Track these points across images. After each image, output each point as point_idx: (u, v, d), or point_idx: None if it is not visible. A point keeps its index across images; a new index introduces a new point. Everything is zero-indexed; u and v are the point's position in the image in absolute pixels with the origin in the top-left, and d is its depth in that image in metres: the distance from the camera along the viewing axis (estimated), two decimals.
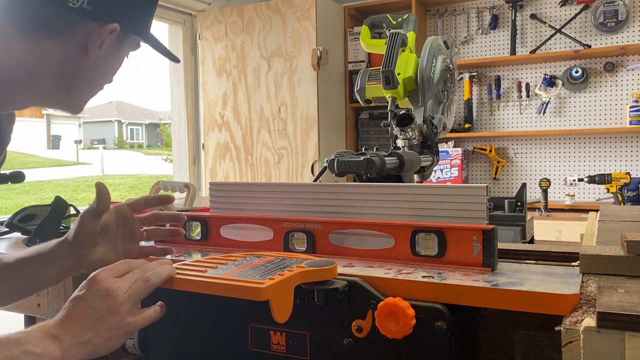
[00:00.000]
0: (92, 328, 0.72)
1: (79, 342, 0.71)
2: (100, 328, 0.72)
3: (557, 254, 0.90)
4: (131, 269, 0.78)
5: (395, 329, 0.73)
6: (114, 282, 0.75)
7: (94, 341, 0.72)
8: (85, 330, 0.72)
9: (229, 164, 3.97)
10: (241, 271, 0.77)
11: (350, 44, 3.96)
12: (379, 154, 1.09)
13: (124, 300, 0.74)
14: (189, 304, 0.91)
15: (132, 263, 0.79)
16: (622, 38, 3.53)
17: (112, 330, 0.73)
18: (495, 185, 3.91)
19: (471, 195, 0.87)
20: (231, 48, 3.92)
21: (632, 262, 0.75)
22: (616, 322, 0.60)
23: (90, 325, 0.72)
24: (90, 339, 0.72)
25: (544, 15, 3.71)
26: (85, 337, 0.72)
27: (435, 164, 1.32)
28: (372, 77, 1.41)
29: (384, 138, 3.87)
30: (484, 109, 3.92)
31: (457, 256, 0.85)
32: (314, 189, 1.02)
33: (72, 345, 0.71)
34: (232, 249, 1.04)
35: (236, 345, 0.88)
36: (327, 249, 0.95)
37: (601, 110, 3.62)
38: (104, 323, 0.73)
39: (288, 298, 0.75)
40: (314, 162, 3.67)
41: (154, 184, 1.73)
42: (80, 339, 0.71)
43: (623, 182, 3.23)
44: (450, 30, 3.97)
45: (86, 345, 0.72)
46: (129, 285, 0.75)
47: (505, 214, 1.32)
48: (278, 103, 3.76)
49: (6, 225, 1.31)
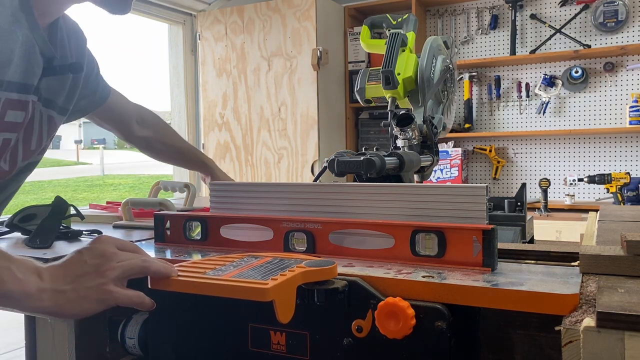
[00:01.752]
0: (73, 281, 0.72)
1: (55, 289, 0.71)
2: (79, 283, 0.72)
3: (557, 254, 0.90)
4: (136, 251, 0.79)
5: (395, 329, 0.73)
6: (112, 248, 0.75)
7: (69, 295, 0.72)
8: (66, 281, 0.72)
9: (229, 164, 3.97)
10: (241, 272, 0.77)
11: (350, 44, 3.96)
12: (379, 154, 1.09)
13: (114, 266, 0.74)
14: (188, 304, 0.91)
15: (140, 249, 0.80)
16: (622, 38, 3.53)
17: (90, 290, 0.72)
18: (495, 185, 3.91)
19: (471, 195, 0.87)
20: (231, 48, 3.92)
21: (632, 262, 0.75)
22: (616, 322, 0.60)
23: (73, 276, 0.72)
24: (67, 290, 0.72)
25: (543, 15, 3.71)
26: (63, 287, 0.72)
27: (435, 164, 1.32)
28: (372, 77, 1.41)
29: (384, 138, 3.87)
30: (483, 109, 3.92)
31: (457, 256, 0.85)
32: (314, 189, 1.02)
33: (48, 288, 0.71)
34: (232, 249, 1.04)
35: (236, 345, 0.88)
36: (327, 249, 0.95)
37: (601, 110, 3.62)
38: (86, 280, 0.72)
39: (291, 298, 0.75)
40: (314, 162, 3.67)
41: (154, 184, 1.73)
42: (58, 286, 0.72)
43: (623, 182, 3.23)
44: (450, 30, 3.97)
45: (60, 295, 0.71)
46: (126, 258, 0.76)
47: (505, 214, 1.32)
48: (278, 103, 3.76)
49: (6, 225, 1.31)
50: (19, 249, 1.16)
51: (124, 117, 1.48)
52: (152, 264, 0.76)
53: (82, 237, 1.28)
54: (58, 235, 1.24)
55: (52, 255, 1.08)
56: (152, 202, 1.45)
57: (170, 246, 1.10)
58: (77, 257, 0.74)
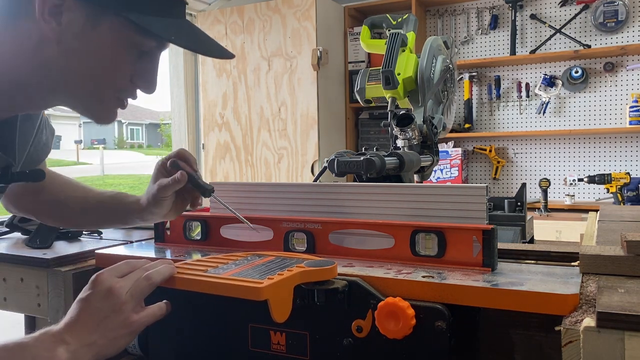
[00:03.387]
0: (97, 329, 0.72)
1: (85, 344, 0.72)
2: (105, 328, 0.73)
3: (557, 254, 0.90)
4: (133, 268, 0.78)
5: (395, 329, 0.73)
6: (116, 282, 0.75)
7: (100, 342, 0.72)
8: (91, 332, 0.72)
9: (229, 164, 3.97)
10: (241, 271, 0.77)
11: (350, 44, 3.96)
12: (379, 154, 1.09)
13: (127, 299, 0.74)
14: (189, 304, 0.91)
15: (134, 263, 0.80)
16: (622, 38, 3.53)
17: (117, 329, 0.73)
18: (495, 185, 3.91)
19: (471, 195, 0.87)
20: (231, 48, 3.92)
21: (632, 262, 0.75)
22: (616, 322, 0.60)
23: (95, 326, 0.73)
24: (96, 340, 0.72)
25: (543, 15, 3.71)
26: (92, 339, 0.72)
27: (435, 164, 1.32)
28: (372, 77, 1.41)
29: (384, 138, 3.87)
30: (483, 109, 3.92)
31: (457, 256, 0.85)
32: (314, 189, 1.02)
33: (78, 347, 0.71)
34: (232, 249, 1.04)
35: (236, 345, 0.88)
36: (327, 249, 0.95)
37: (601, 110, 3.62)
38: (108, 323, 0.73)
39: (287, 298, 0.75)
40: (314, 162, 3.67)
41: None
42: (86, 340, 0.72)
43: (623, 182, 3.23)
44: (450, 31, 3.97)
45: (93, 346, 0.72)
46: (131, 284, 0.76)
47: (505, 214, 1.32)
48: (278, 103, 3.76)
49: (6, 225, 1.31)
50: (19, 249, 1.16)
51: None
52: (156, 275, 0.77)
53: (81, 237, 1.28)
54: (58, 235, 1.24)
55: (52, 255, 1.08)
56: None
57: (170, 246, 1.10)
58: (88, 306, 0.74)
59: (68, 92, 0.84)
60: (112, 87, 0.84)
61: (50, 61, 0.80)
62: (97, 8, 0.78)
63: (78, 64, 0.81)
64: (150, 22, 0.79)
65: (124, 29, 0.79)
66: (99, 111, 0.86)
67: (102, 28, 0.79)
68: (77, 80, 0.82)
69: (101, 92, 0.84)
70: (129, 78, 0.85)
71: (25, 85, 0.82)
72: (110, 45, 0.80)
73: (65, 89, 0.83)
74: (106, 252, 1.07)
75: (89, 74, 0.82)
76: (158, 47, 0.85)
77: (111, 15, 0.79)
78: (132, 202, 1.01)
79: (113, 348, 0.74)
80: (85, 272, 1.06)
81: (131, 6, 0.78)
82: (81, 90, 0.84)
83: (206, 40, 0.88)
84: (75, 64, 0.80)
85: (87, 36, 0.79)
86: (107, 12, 0.79)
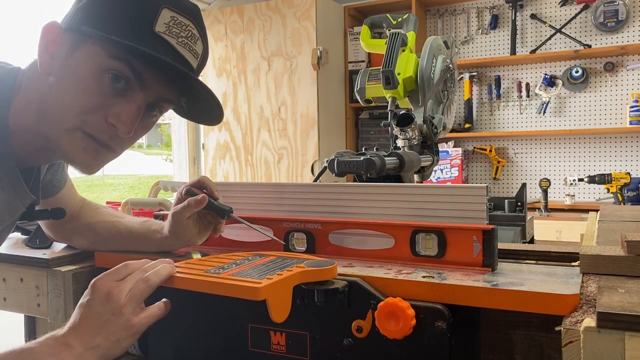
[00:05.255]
0: (100, 332, 0.74)
1: (89, 348, 0.73)
2: (107, 332, 0.74)
3: (557, 254, 0.90)
4: (132, 271, 0.79)
5: (395, 329, 0.73)
6: (114, 286, 0.76)
7: (103, 345, 0.74)
8: (94, 336, 0.74)
9: (229, 163, 3.97)
10: (241, 270, 0.77)
11: (350, 44, 3.96)
12: (379, 154, 1.09)
13: (126, 302, 0.75)
14: (189, 304, 0.91)
15: (133, 265, 0.80)
16: (622, 38, 3.53)
17: (118, 332, 0.75)
18: (495, 185, 3.91)
19: (471, 195, 0.87)
20: (231, 48, 3.92)
21: (632, 262, 0.75)
22: (616, 322, 0.60)
23: (97, 330, 0.74)
24: (100, 343, 0.74)
25: (544, 15, 3.71)
26: (95, 342, 0.74)
27: (435, 164, 1.32)
28: (372, 77, 1.41)
29: (384, 138, 3.87)
30: (484, 109, 3.92)
31: (457, 256, 0.84)
32: (314, 189, 1.02)
33: (83, 351, 0.73)
34: (232, 249, 1.04)
35: (236, 345, 0.88)
36: (327, 249, 0.95)
37: (601, 110, 3.61)
38: (109, 326, 0.74)
39: (286, 298, 0.75)
40: (314, 162, 3.67)
41: (154, 184, 1.73)
42: (89, 344, 0.73)
43: (623, 182, 3.23)
44: (450, 30, 3.97)
45: (97, 349, 0.74)
46: (130, 287, 0.76)
47: (506, 214, 1.32)
48: (278, 103, 3.76)
49: None
50: (18, 249, 1.16)
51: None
52: (154, 276, 0.77)
53: None
54: None
55: (52, 255, 1.08)
56: (152, 202, 1.45)
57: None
58: (89, 311, 0.75)
59: (49, 129, 0.84)
60: (81, 117, 0.82)
61: (44, 96, 0.83)
62: (80, 36, 0.81)
63: (56, 93, 0.82)
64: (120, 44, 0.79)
65: (98, 53, 0.81)
66: (71, 151, 0.85)
67: (79, 53, 0.82)
68: (53, 111, 0.82)
69: (70, 124, 0.82)
70: (102, 114, 0.83)
71: (41, 132, 0.85)
72: (84, 70, 0.81)
73: (47, 127, 0.84)
74: (106, 252, 1.07)
75: (63, 102, 0.82)
76: (137, 82, 0.83)
77: (90, 42, 0.81)
78: (155, 230, 1.04)
79: (116, 350, 0.75)
80: (85, 272, 1.06)
81: (106, 32, 0.79)
82: (55, 123, 0.83)
83: (175, 67, 0.84)
84: (54, 94, 0.82)
85: (67, 63, 0.82)
86: (86, 40, 0.81)
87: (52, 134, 0.84)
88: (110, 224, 1.10)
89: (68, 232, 1.13)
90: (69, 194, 1.12)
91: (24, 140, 0.87)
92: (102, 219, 1.12)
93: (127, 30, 0.80)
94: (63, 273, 1.04)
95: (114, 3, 0.82)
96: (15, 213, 0.93)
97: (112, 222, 1.10)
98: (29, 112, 0.85)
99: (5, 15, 7.71)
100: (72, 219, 1.12)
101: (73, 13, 0.83)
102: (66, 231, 1.13)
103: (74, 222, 1.12)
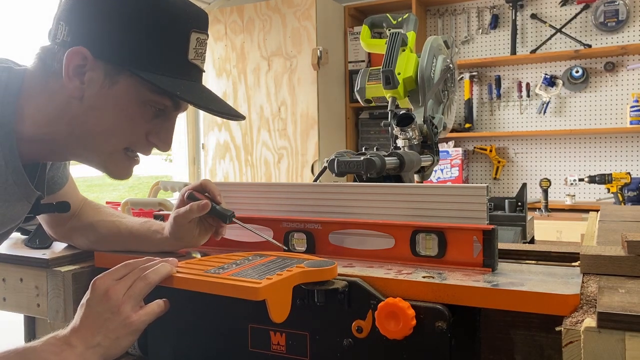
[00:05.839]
0: (100, 331, 0.75)
1: (90, 346, 0.75)
2: (107, 330, 0.75)
3: (558, 254, 0.89)
4: (132, 269, 0.80)
5: (396, 330, 0.73)
6: (112, 285, 0.77)
7: (104, 343, 0.75)
8: (94, 335, 0.75)
9: (228, 163, 3.97)
10: (241, 271, 0.77)
11: (350, 43, 3.96)
12: (379, 154, 1.09)
13: (124, 300, 0.76)
14: (189, 304, 0.91)
15: (133, 264, 0.81)
16: (622, 38, 3.53)
17: (118, 330, 0.76)
18: (496, 185, 3.91)
19: (471, 195, 0.87)
20: (231, 48, 3.92)
21: (632, 262, 0.75)
22: (617, 322, 0.59)
23: (97, 329, 0.75)
24: (100, 342, 0.75)
25: (544, 15, 3.71)
26: (95, 341, 0.75)
27: (436, 164, 1.32)
28: (372, 77, 1.41)
29: (384, 138, 3.87)
30: (484, 109, 3.92)
31: (458, 256, 0.84)
32: (314, 189, 1.02)
33: (84, 350, 0.74)
34: (232, 249, 1.04)
35: (236, 345, 0.88)
36: (327, 249, 0.95)
37: (601, 110, 3.61)
38: (109, 325, 0.75)
39: (285, 298, 0.75)
40: (314, 162, 3.66)
41: (153, 184, 1.73)
42: (90, 343, 0.75)
43: (623, 182, 3.23)
44: (450, 30, 3.97)
45: (97, 348, 0.75)
46: (128, 285, 0.77)
47: (506, 214, 1.32)
48: (278, 103, 3.76)
49: None
50: (18, 249, 1.16)
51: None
52: (153, 275, 0.78)
53: None
54: None
55: (52, 255, 1.08)
56: (152, 202, 1.45)
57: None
58: (89, 310, 0.76)
59: (87, 147, 0.90)
60: (126, 142, 0.90)
61: (74, 118, 0.86)
62: (115, 67, 0.83)
63: (96, 120, 0.86)
64: (161, 81, 0.83)
65: (139, 87, 0.85)
66: (112, 167, 0.92)
67: (119, 86, 0.85)
68: (95, 136, 0.88)
69: (114, 148, 0.90)
70: (144, 135, 0.90)
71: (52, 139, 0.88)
72: (127, 102, 0.86)
73: (84, 144, 0.89)
74: (105, 252, 1.07)
75: (106, 129, 0.87)
76: (174, 107, 0.90)
77: (127, 74, 0.84)
78: (156, 230, 1.05)
79: (117, 349, 0.76)
80: (85, 272, 1.06)
81: (144, 66, 0.83)
82: (97, 146, 0.89)
83: (216, 99, 0.92)
84: (94, 120, 0.86)
85: (105, 93, 0.85)
86: (123, 71, 0.84)
87: (90, 156, 0.91)
88: (111, 224, 1.10)
89: (69, 230, 1.13)
90: (71, 191, 1.13)
91: (31, 144, 0.88)
92: (103, 218, 1.12)
93: (164, 63, 0.85)
94: (63, 273, 1.04)
95: (146, 31, 0.83)
96: (22, 214, 0.94)
97: (113, 222, 1.10)
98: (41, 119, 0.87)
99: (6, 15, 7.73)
100: (73, 217, 1.13)
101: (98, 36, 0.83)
102: (67, 230, 1.13)
103: (74, 221, 1.13)
